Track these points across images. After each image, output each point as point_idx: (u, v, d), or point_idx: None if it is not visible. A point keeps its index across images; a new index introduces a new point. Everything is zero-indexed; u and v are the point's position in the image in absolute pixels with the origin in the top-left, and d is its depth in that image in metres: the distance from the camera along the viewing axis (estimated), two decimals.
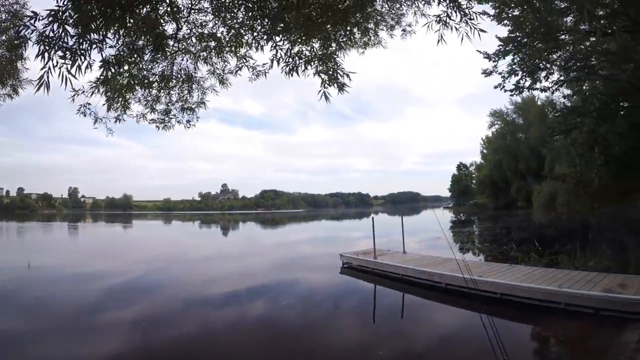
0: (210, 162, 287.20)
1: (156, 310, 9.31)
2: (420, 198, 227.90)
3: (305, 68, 5.12)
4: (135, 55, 5.37)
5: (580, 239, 11.37)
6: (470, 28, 4.32)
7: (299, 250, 21.99)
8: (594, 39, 11.28)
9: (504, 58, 12.75)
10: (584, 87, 13.19)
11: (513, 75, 12.86)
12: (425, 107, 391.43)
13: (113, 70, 4.83)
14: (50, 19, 3.56)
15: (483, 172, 73.44)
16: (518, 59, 12.60)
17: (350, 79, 4.87)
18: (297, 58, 5.16)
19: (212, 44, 6.08)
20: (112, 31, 4.24)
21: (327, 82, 4.89)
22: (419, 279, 10.51)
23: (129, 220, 69.65)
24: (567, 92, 14.27)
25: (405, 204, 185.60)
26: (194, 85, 6.66)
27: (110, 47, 4.70)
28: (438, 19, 4.53)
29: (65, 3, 3.59)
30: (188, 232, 44.23)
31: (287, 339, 7.31)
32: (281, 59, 5.22)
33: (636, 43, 11.71)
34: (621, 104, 12.47)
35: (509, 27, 12.23)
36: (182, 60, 6.37)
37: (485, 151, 72.65)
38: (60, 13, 3.58)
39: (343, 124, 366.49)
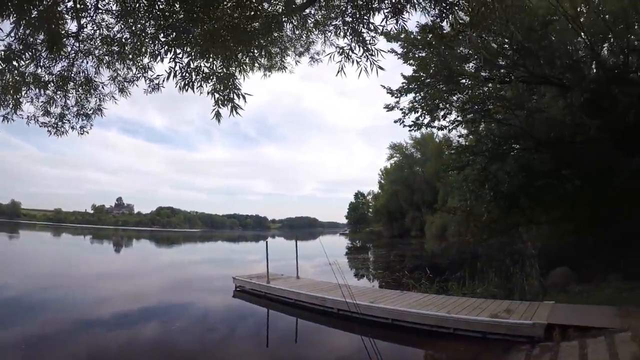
0: (107, 173, 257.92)
1: (39, 332, 8.32)
2: (317, 224, 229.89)
3: (201, 85, 4.91)
4: (30, 52, 4.88)
5: (469, 267, 12.03)
6: (371, 63, 4.39)
7: (193, 272, 21.46)
8: (492, 86, 12.26)
9: (406, 95, 13.34)
10: (479, 129, 14.29)
11: (413, 112, 13.49)
12: (329, 135, 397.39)
13: (2, 66, 4.50)
14: None
15: (380, 201, 76.80)
16: (420, 97, 13.28)
17: (245, 101, 4.68)
18: (194, 73, 4.92)
19: (116, 48, 5.62)
20: (10, 22, 3.88)
21: (221, 102, 4.67)
22: (311, 304, 10.41)
23: (15, 230, 63.30)
24: (463, 131, 15.25)
25: (303, 229, 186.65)
26: (92, 90, 6.17)
27: (1, 39, 4.35)
28: (341, 50, 4.54)
29: None
30: (79, 246, 41.54)
31: None
32: (178, 73, 4.91)
33: (530, 92, 13.05)
34: (512, 146, 13.72)
35: (414, 67, 12.93)
36: (83, 62, 5.87)
37: (383, 181, 75.99)
38: None
39: (247, 145, 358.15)
